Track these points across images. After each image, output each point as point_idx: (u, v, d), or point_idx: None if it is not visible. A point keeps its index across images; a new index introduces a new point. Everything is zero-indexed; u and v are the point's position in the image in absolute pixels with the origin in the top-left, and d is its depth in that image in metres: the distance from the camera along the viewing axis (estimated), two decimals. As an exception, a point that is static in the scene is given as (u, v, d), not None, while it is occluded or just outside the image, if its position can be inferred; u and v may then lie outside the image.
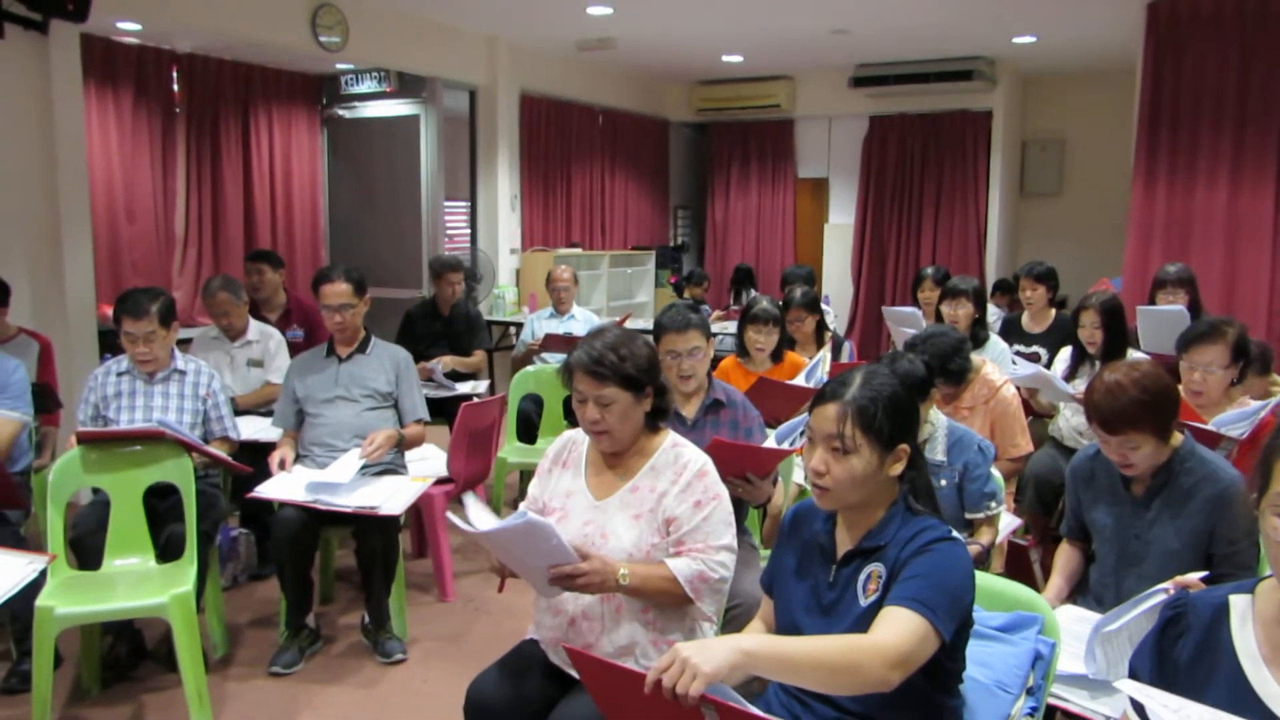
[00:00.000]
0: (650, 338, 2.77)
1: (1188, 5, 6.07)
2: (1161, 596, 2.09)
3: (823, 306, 5.41)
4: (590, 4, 6.84)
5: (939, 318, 4.86)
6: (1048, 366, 4.46)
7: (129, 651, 3.49)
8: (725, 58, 8.91)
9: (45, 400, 4.10)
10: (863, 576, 1.80)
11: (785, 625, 1.91)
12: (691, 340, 3.17)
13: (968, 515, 3.03)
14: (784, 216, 10.48)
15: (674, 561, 2.19)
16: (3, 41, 4.75)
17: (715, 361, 4.76)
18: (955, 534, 1.80)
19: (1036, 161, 9.77)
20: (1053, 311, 5.17)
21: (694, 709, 1.52)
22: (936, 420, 3.07)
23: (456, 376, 5.43)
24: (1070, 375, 4.18)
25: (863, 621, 1.73)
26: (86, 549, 3.29)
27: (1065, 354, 4.34)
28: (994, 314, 5.64)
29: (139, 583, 3.18)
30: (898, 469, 1.83)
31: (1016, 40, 7.93)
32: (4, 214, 4.83)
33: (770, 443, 3.04)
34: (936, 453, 3.03)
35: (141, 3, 5.47)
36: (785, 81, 9.79)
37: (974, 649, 1.99)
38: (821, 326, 5.13)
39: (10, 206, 4.86)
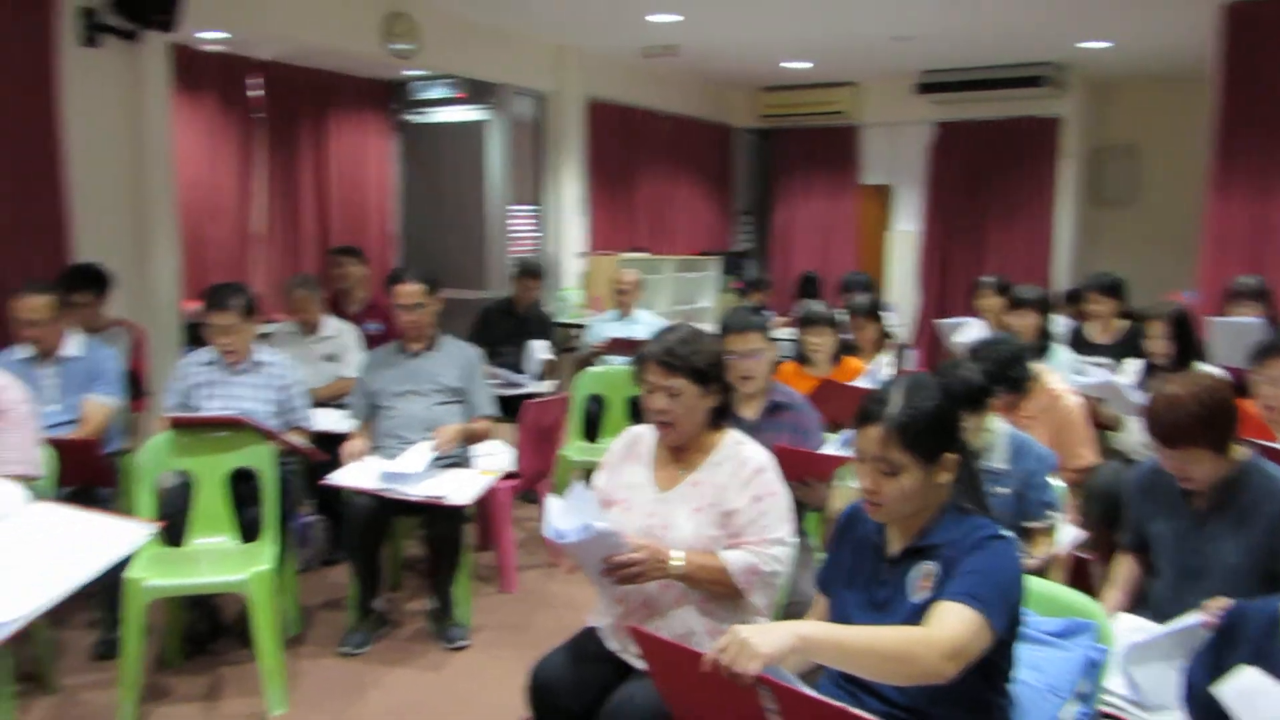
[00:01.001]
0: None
1: (1268, 6, 5.95)
2: (1193, 620, 2.11)
3: (886, 314, 5.44)
4: (655, 12, 6.94)
5: (1004, 328, 4.85)
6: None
7: (209, 626, 3.67)
8: (789, 64, 8.95)
9: (136, 387, 4.32)
10: (915, 574, 1.85)
11: (839, 622, 1.97)
12: (751, 342, 3.25)
13: (1026, 524, 3.04)
14: (847, 223, 10.47)
15: (728, 553, 2.26)
16: (99, 50, 4.99)
17: (775, 367, 4.83)
18: (1005, 532, 1.84)
19: (1109, 169, 9.62)
20: (1120, 323, 5.12)
21: (750, 689, 1.59)
22: (997, 428, 3.09)
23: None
24: (1141, 388, 4.15)
25: (915, 618, 1.78)
26: (172, 527, 3.47)
27: (1134, 365, 4.30)
28: (1062, 325, 5.60)
29: (220, 560, 3.35)
30: (947, 477, 1.86)
31: (1087, 45, 7.84)
32: (98, 213, 5.06)
33: (831, 448, 3.10)
34: (997, 460, 3.05)
35: (226, 13, 5.69)
36: (849, 88, 9.78)
37: (1026, 652, 2.03)
38: (883, 334, 5.16)
39: (104, 206, 5.10)
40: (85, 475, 3.47)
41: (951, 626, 1.68)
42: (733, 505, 2.30)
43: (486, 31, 7.34)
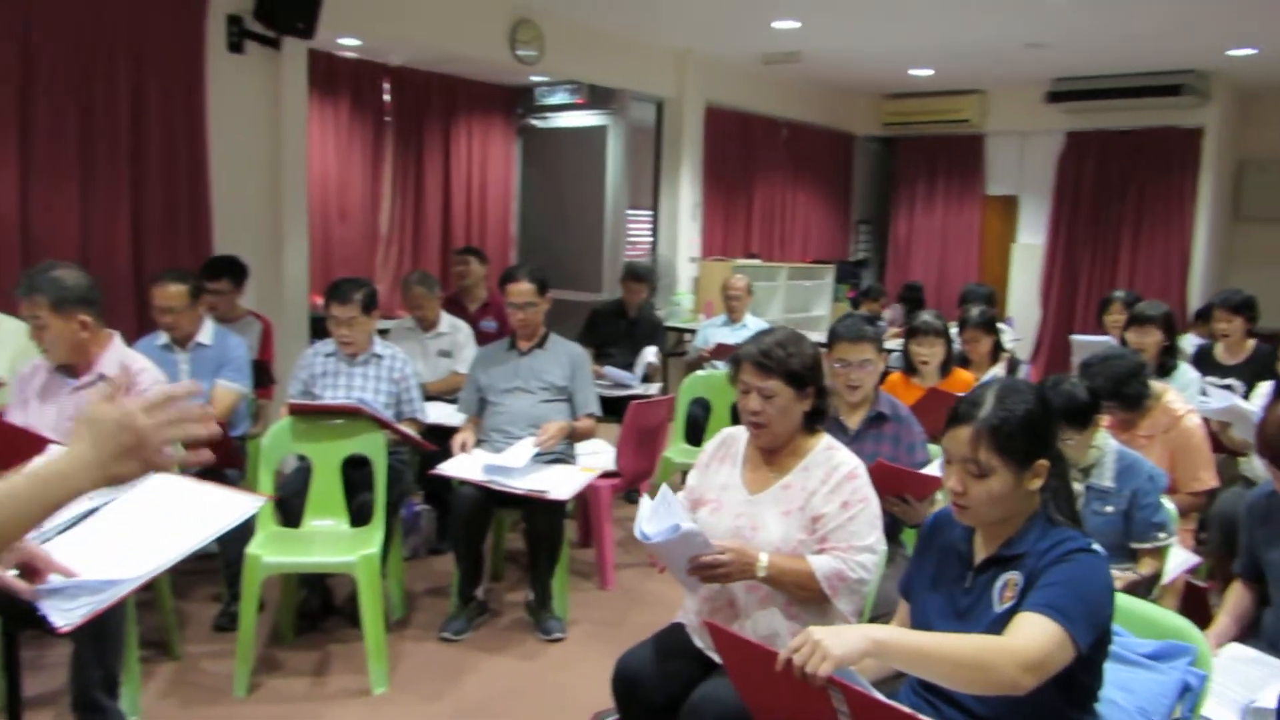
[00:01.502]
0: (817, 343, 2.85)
1: None
2: None
3: (1002, 327, 5.31)
4: (777, 19, 6.94)
5: (1124, 344, 4.68)
6: (1244, 400, 4.22)
7: (320, 605, 3.85)
8: (914, 71, 8.81)
9: (263, 375, 4.56)
10: (999, 584, 1.83)
11: (920, 629, 1.96)
12: (864, 352, 3.21)
13: (1133, 544, 2.94)
14: (969, 234, 10.22)
15: (815, 558, 2.27)
16: (244, 56, 5.29)
17: (883, 377, 4.77)
18: (1095, 546, 1.80)
19: (1255, 183, 9.12)
20: (1251, 343, 4.88)
21: (821, 690, 1.60)
22: (1105, 445, 3.00)
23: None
24: (1268, 411, 3.95)
25: (996, 627, 1.76)
26: (290, 509, 3.66)
27: (1265, 388, 4.09)
28: (1192, 343, 5.36)
29: (333, 542, 3.52)
30: (1037, 483, 1.83)
31: (1233, 53, 7.48)
32: (236, 210, 5.37)
33: (934, 466, 3.06)
34: (1104, 478, 2.97)
35: (360, 21, 5.95)
36: (976, 96, 9.56)
37: (1117, 673, 1.97)
38: (998, 348, 5.03)
39: (242, 204, 5.40)
40: (213, 456, 3.67)
41: (1031, 637, 1.66)
42: (820, 510, 2.31)
43: (608, 38, 7.47)
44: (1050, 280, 9.60)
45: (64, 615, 1.45)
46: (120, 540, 1.66)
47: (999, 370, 4.79)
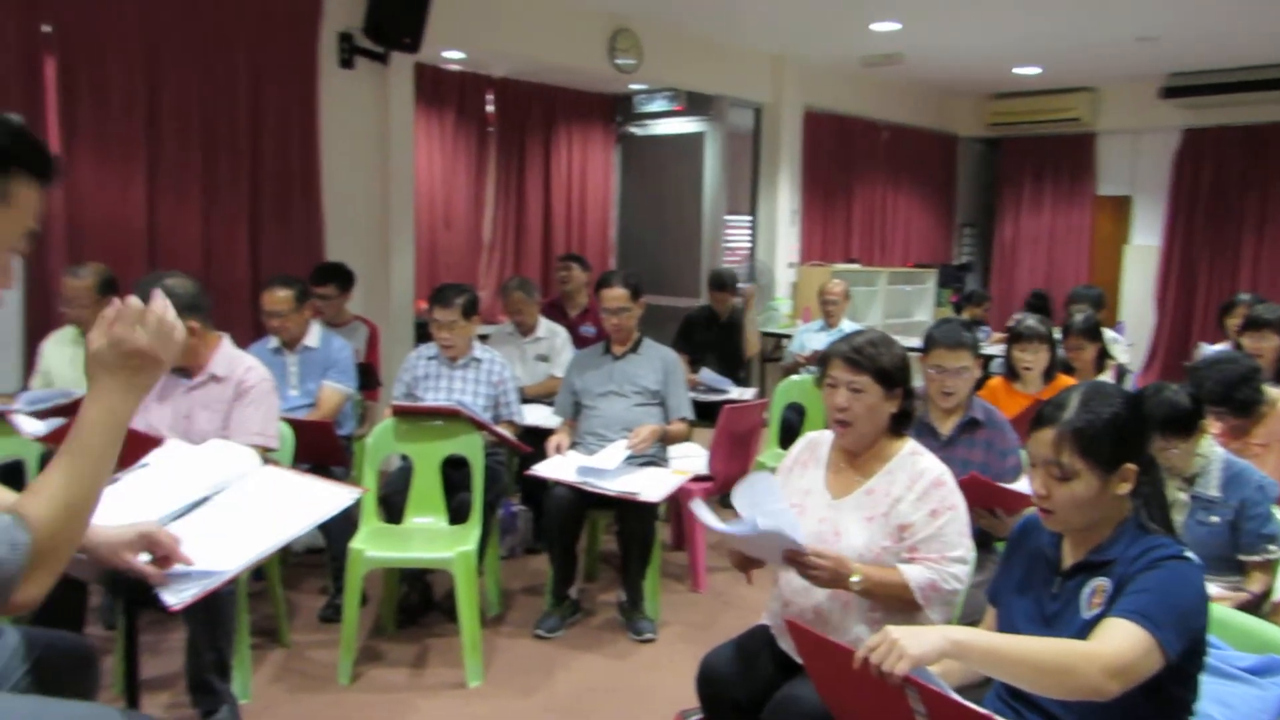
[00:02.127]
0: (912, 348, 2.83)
1: None
2: None
3: (1112, 334, 5.14)
4: (876, 20, 6.87)
5: (1240, 349, 4.49)
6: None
7: (419, 599, 3.99)
8: (1019, 70, 8.60)
9: (368, 378, 4.74)
10: (1087, 590, 1.80)
11: (1006, 633, 1.94)
12: (961, 359, 3.17)
13: (1241, 556, 2.84)
14: (1079, 236, 9.91)
15: (908, 568, 2.25)
16: (353, 71, 5.52)
17: (983, 381, 4.68)
18: (1188, 554, 1.76)
19: (1389, 180, 8.64)
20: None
21: (899, 690, 1.61)
22: (1211, 453, 2.90)
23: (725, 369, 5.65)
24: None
25: (1084, 634, 1.73)
26: (392, 506, 3.81)
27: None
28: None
29: (432, 538, 3.64)
30: (1125, 488, 1.80)
31: (1367, 44, 7.10)
32: (347, 219, 5.59)
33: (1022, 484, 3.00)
34: (1209, 487, 2.87)
35: (465, 34, 6.13)
36: (1086, 93, 9.28)
37: (1214, 686, 1.92)
38: (1104, 355, 4.87)
39: (352, 213, 5.63)
40: (320, 454, 3.85)
41: (1117, 643, 1.63)
42: (908, 519, 2.29)
43: (706, 44, 7.51)
44: (1166, 284, 9.25)
45: (175, 595, 1.57)
46: (229, 527, 1.77)
47: (1105, 377, 4.66)
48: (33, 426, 3.27)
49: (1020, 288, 10.13)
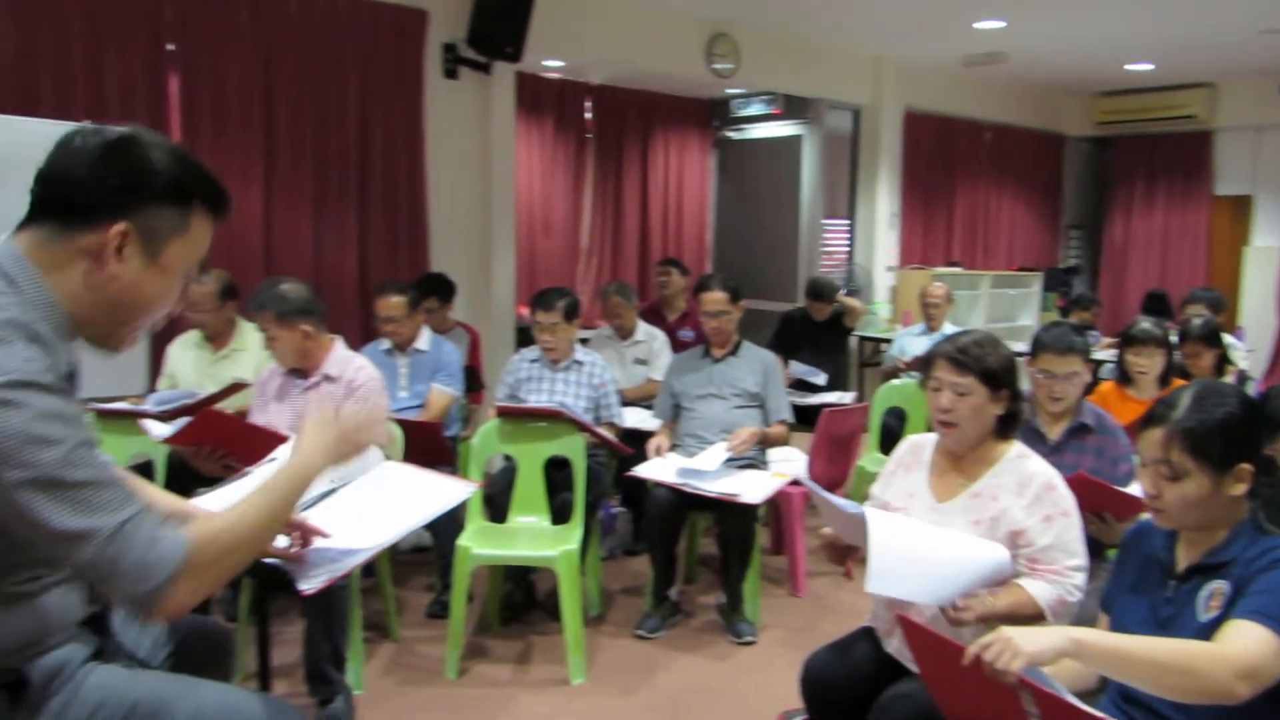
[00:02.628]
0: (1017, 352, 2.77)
1: None
2: None
3: (1231, 340, 4.94)
4: (979, 19, 6.75)
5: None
6: None
7: (523, 597, 4.07)
8: (1131, 66, 8.33)
9: (472, 381, 4.86)
10: (1204, 593, 1.75)
11: None
12: (1071, 365, 3.09)
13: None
14: (1195, 238, 9.54)
15: (1034, 585, 2.19)
16: (457, 81, 5.66)
17: (1093, 386, 4.54)
18: None
19: None
20: None
21: (1011, 690, 1.59)
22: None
23: (806, 385, 5.63)
24: None
25: (1202, 637, 1.69)
26: (497, 505, 3.89)
27: None
28: None
29: (535, 537, 3.71)
30: (1240, 489, 1.75)
31: None
32: (453, 225, 5.74)
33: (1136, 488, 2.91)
34: None
35: (563, 43, 6.23)
36: (1203, 90, 8.93)
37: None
38: (1223, 361, 4.68)
39: (458, 219, 5.78)
40: (427, 454, 3.94)
41: (1244, 644, 1.58)
42: (1020, 525, 2.24)
43: (804, 47, 7.47)
44: (1291, 286, 8.83)
45: (308, 581, 1.65)
46: (354, 517, 1.86)
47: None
48: (160, 429, 3.44)
49: (1131, 291, 9.79)
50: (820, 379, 5.55)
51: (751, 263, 8.48)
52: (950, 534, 2.22)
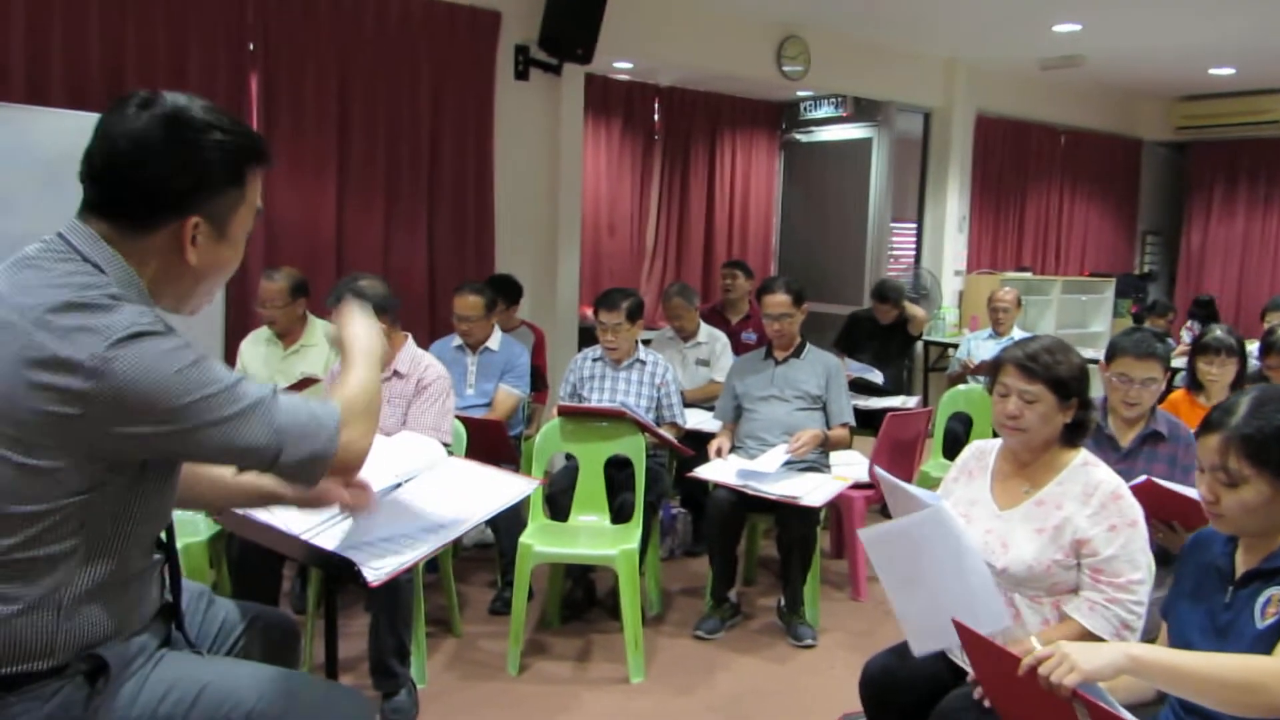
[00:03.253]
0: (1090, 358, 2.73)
1: None
2: None
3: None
4: (1057, 22, 6.63)
5: None
6: None
7: (583, 596, 4.10)
8: (1213, 71, 8.10)
9: (536, 380, 4.91)
10: (1262, 599, 1.73)
11: (1178, 646, 1.88)
12: (1150, 370, 3.03)
13: None
14: (1276, 245, 9.27)
15: (1090, 621, 2.16)
16: (528, 83, 5.73)
17: (1165, 394, 4.42)
18: None
19: None
20: None
21: (1066, 704, 1.57)
22: None
23: (869, 389, 5.59)
24: None
25: (1260, 644, 1.67)
26: (558, 504, 3.94)
27: None
28: None
29: (596, 536, 3.75)
30: None
31: None
32: (519, 226, 5.81)
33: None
34: None
35: (633, 45, 6.26)
36: (1288, 94, 8.66)
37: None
38: (1305, 371, 4.53)
39: (524, 220, 5.84)
40: (491, 451, 4.01)
41: None
42: (1085, 534, 2.21)
43: (875, 50, 7.41)
44: (1378, 296, 8.51)
45: (374, 572, 1.69)
46: (423, 509, 1.90)
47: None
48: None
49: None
50: (877, 377, 5.50)
51: (818, 265, 8.43)
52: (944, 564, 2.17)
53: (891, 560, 2.25)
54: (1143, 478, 2.61)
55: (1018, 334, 6.00)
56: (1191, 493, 2.67)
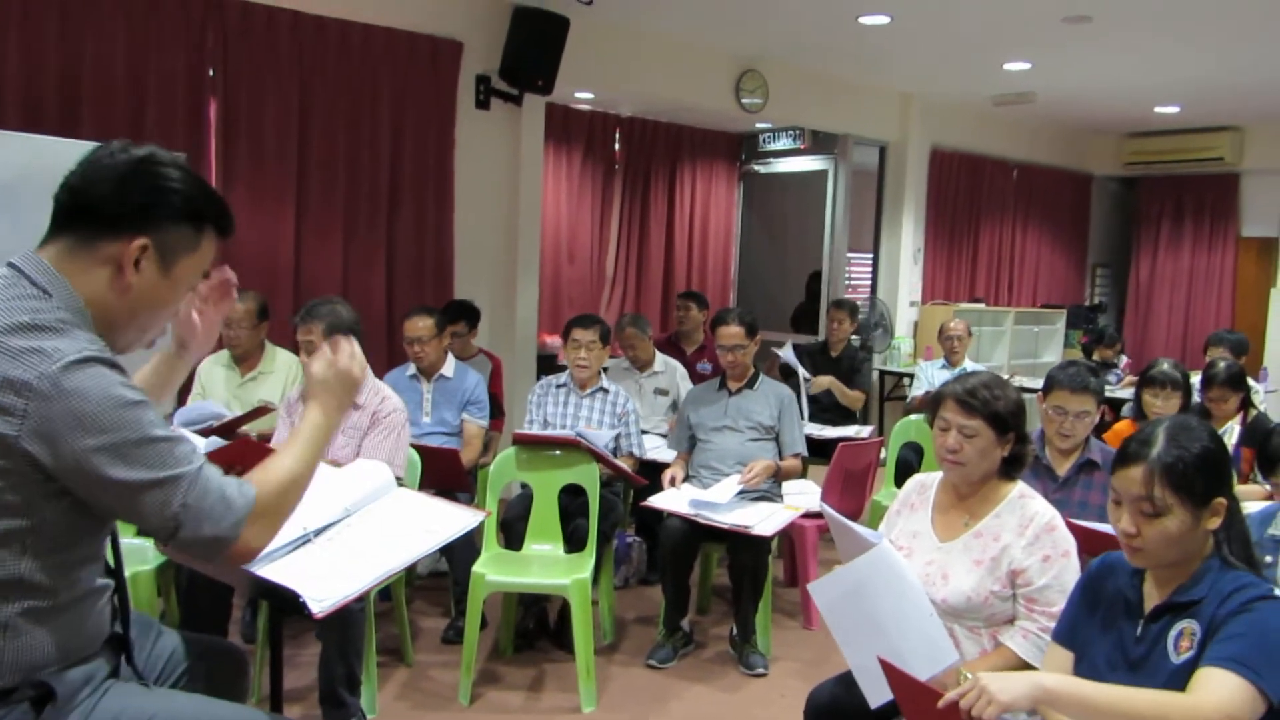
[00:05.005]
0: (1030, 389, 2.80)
1: None
2: None
3: (1254, 384, 4.93)
4: (1008, 60, 6.80)
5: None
6: None
7: (536, 624, 4.10)
8: (1159, 109, 8.34)
9: (493, 408, 4.92)
10: (1174, 633, 1.76)
11: (1087, 677, 1.90)
12: (1084, 403, 3.13)
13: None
14: (1221, 279, 9.52)
15: (1018, 646, 2.23)
16: (488, 112, 5.77)
17: (1111, 423, 4.53)
18: (1278, 592, 1.71)
19: None
20: None
21: None
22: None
23: (836, 413, 5.66)
24: None
25: (1175, 680, 1.70)
26: (513, 532, 3.94)
27: None
28: None
29: (549, 565, 3.76)
30: (1215, 523, 1.76)
31: None
32: (479, 253, 5.83)
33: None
34: None
35: (595, 76, 6.33)
36: (1231, 132, 8.92)
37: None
38: (1246, 404, 4.66)
39: (484, 247, 5.87)
40: (446, 480, 4.02)
41: (1217, 695, 1.59)
42: (1020, 564, 2.27)
43: (832, 84, 7.55)
44: (1318, 330, 8.76)
45: (318, 603, 1.70)
46: (366, 543, 1.91)
47: (1234, 423, 4.46)
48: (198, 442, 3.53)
49: (1156, 330, 9.80)
50: (803, 373, 5.58)
51: (776, 296, 8.53)
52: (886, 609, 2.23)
53: (843, 612, 2.29)
54: (1083, 508, 2.68)
55: (969, 364, 6.12)
56: (1105, 527, 2.75)
